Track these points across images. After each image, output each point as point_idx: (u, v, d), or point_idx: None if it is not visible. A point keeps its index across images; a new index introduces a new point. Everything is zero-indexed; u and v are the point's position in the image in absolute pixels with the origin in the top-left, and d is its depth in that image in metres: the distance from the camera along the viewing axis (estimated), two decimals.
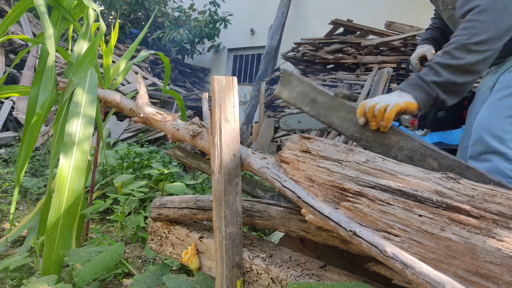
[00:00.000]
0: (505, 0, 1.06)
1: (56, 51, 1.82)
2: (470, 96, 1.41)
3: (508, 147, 1.14)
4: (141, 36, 2.30)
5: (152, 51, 2.49)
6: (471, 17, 1.08)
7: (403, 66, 1.57)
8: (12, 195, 2.90)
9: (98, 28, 2.06)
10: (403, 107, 1.06)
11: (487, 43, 1.05)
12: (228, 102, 1.01)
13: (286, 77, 1.26)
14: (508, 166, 1.15)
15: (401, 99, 1.08)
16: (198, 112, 6.31)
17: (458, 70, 1.06)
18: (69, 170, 1.51)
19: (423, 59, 1.55)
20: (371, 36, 5.05)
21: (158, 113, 1.59)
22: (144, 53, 2.38)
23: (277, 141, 4.84)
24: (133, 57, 4.86)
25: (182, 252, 1.23)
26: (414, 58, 1.55)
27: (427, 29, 1.67)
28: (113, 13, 7.90)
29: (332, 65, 4.96)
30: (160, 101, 4.61)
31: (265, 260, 1.00)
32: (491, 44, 1.05)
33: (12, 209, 1.72)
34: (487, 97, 1.27)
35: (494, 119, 1.18)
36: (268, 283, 0.96)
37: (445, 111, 1.40)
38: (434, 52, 1.54)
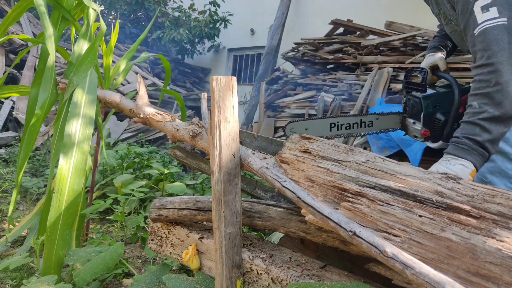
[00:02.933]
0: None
1: (56, 51, 1.82)
2: None
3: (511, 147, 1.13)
4: (142, 36, 2.30)
5: (154, 53, 2.49)
6: (487, 60, 1.06)
7: (414, 74, 1.53)
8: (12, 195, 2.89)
9: (98, 28, 2.06)
10: (471, 179, 1.03)
11: None
12: (228, 102, 1.01)
13: None
14: (510, 166, 1.14)
15: (467, 170, 1.04)
16: (198, 112, 6.31)
17: (502, 119, 1.04)
18: (68, 171, 1.51)
19: (434, 69, 1.51)
20: (371, 36, 5.05)
21: (158, 113, 1.59)
22: (145, 54, 2.38)
23: None
24: (134, 57, 4.86)
25: (182, 252, 1.22)
26: (425, 67, 1.51)
27: (435, 36, 1.63)
28: (113, 13, 7.90)
29: (332, 65, 4.96)
30: (159, 102, 4.61)
31: (265, 261, 1.00)
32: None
33: (10, 210, 1.72)
34: None
35: None
36: (268, 284, 0.96)
37: (458, 124, 1.37)
38: (445, 60, 1.50)
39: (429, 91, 1.45)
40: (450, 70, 1.53)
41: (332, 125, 1.63)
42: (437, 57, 1.49)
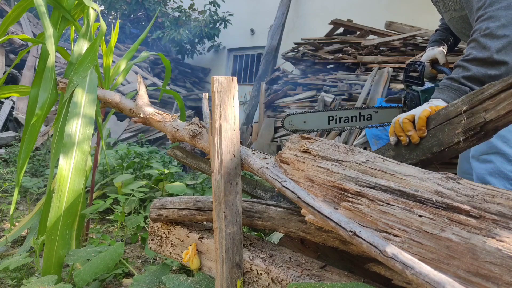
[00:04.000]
0: None
1: (56, 51, 1.82)
2: None
3: (511, 147, 1.12)
4: (142, 36, 2.30)
5: (153, 52, 2.49)
6: (483, 11, 1.07)
7: (414, 67, 1.53)
8: (12, 195, 2.90)
9: (98, 28, 2.06)
10: (431, 112, 1.01)
11: (507, 28, 1.01)
12: (228, 102, 1.01)
13: None
14: (509, 167, 1.13)
15: (427, 105, 1.04)
16: (198, 112, 6.31)
17: (486, 61, 1.02)
18: (69, 171, 1.51)
19: (434, 62, 1.51)
20: (371, 36, 5.05)
21: (158, 113, 1.59)
22: (145, 53, 2.38)
23: (277, 141, 4.84)
24: (134, 57, 4.87)
25: (182, 252, 1.23)
26: (424, 60, 1.51)
27: (436, 30, 1.63)
28: (113, 13, 7.90)
29: (332, 65, 4.96)
30: (159, 102, 4.62)
31: (265, 261, 1.00)
32: (510, 28, 1.01)
33: (12, 209, 1.72)
34: None
35: None
36: (268, 284, 0.96)
37: None
38: (446, 53, 1.51)
39: (428, 84, 1.45)
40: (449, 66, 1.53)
41: (331, 118, 1.62)
42: (437, 51, 1.49)
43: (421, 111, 1.01)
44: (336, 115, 1.62)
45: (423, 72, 1.44)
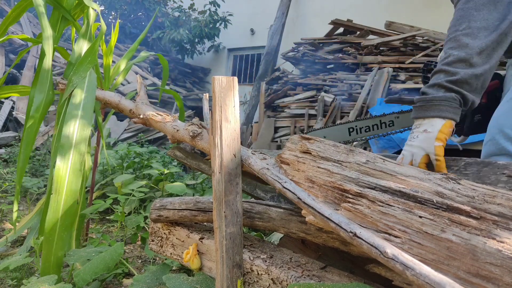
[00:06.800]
0: None
1: (56, 51, 1.82)
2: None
3: None
4: (142, 36, 2.30)
5: (152, 52, 2.49)
6: (460, 6, 0.97)
7: (430, 68, 1.50)
8: (12, 195, 2.90)
9: (98, 28, 2.06)
10: (444, 143, 0.89)
11: (484, 25, 0.91)
12: (229, 102, 1.01)
13: None
14: None
15: (432, 134, 0.89)
16: (198, 112, 6.31)
17: (469, 61, 0.90)
18: (66, 172, 1.51)
19: None
20: (371, 36, 5.06)
21: (157, 114, 1.59)
22: (144, 53, 2.38)
23: (277, 141, 4.84)
24: (134, 57, 4.87)
25: (182, 252, 1.22)
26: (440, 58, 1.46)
27: None
28: (113, 13, 7.90)
29: (332, 65, 4.96)
30: (158, 102, 4.63)
31: (266, 261, 1.00)
32: (488, 21, 0.92)
33: (15, 211, 1.72)
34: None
35: (507, 118, 1.10)
36: (269, 284, 0.96)
37: (481, 114, 1.30)
38: None
39: None
40: None
41: (351, 129, 1.60)
42: None
43: (434, 151, 0.89)
44: (356, 126, 1.60)
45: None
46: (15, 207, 1.66)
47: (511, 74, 1.24)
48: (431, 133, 0.92)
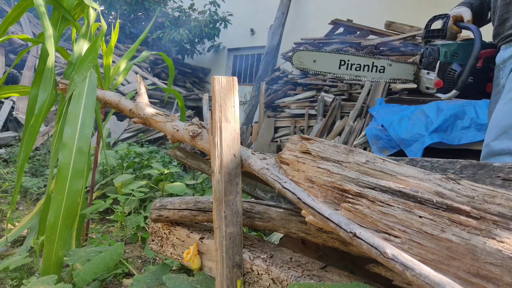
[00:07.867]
0: None
1: (56, 51, 1.82)
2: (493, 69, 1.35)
3: None
4: (142, 36, 2.30)
5: (154, 52, 2.49)
6: None
7: (437, 21, 1.45)
8: (12, 195, 2.89)
9: (98, 28, 2.06)
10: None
11: None
12: (229, 102, 1.01)
13: None
14: None
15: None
16: (198, 112, 6.31)
17: None
18: (68, 171, 1.51)
19: (457, 20, 1.45)
20: (371, 36, 5.06)
21: (157, 113, 1.59)
22: (145, 53, 2.38)
23: (277, 141, 4.84)
24: (134, 57, 4.87)
25: (182, 252, 1.23)
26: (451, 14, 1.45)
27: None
28: (113, 13, 7.90)
29: None
30: (164, 103, 4.63)
31: (266, 261, 1.00)
32: None
33: (9, 213, 1.71)
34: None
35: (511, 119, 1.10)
36: (269, 284, 0.96)
37: (473, 78, 1.34)
38: (471, 14, 1.44)
39: (449, 41, 1.41)
40: None
41: (342, 62, 1.53)
42: (463, 9, 1.43)
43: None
44: (349, 61, 1.53)
45: (447, 23, 1.38)
46: (14, 197, 1.66)
47: (507, 68, 1.24)
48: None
